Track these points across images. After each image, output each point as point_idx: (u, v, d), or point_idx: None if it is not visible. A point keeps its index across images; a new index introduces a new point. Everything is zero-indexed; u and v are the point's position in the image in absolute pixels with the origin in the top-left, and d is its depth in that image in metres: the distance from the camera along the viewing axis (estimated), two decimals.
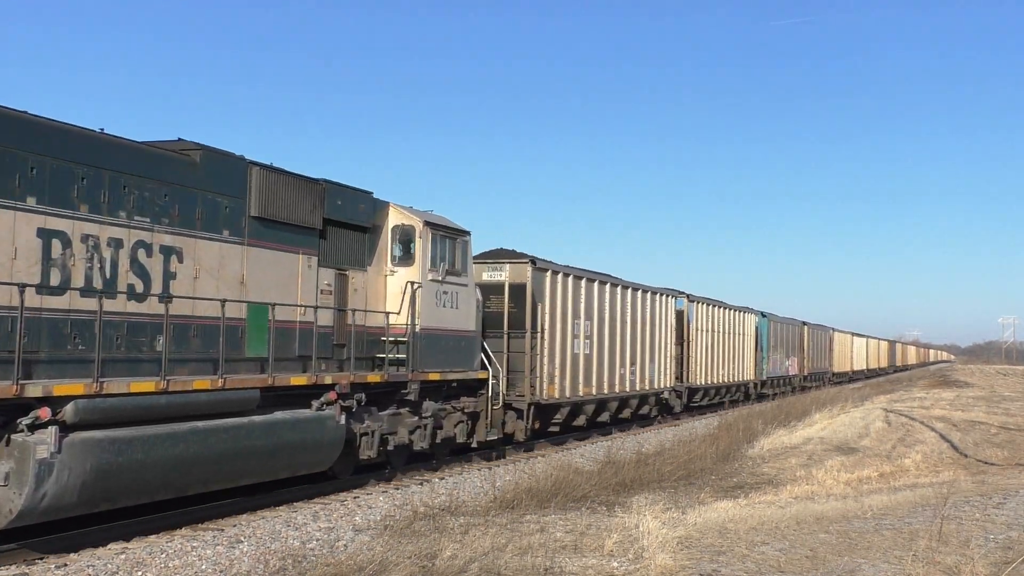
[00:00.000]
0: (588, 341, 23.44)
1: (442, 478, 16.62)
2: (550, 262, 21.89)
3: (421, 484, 15.84)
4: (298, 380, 13.44)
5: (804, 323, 52.72)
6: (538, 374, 20.61)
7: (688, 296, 32.53)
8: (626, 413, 26.80)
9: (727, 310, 37.30)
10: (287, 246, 13.82)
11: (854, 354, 72.06)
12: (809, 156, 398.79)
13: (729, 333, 37.36)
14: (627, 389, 26.16)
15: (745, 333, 39.89)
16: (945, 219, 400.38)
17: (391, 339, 15.62)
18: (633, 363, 26.53)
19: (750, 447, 22.18)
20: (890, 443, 22.87)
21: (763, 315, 42.98)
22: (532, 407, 20.39)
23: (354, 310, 15.06)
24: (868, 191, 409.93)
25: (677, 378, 31.08)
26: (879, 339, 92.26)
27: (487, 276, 20.53)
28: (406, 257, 16.31)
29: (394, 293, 15.94)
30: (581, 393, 22.92)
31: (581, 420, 23.54)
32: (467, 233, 17.78)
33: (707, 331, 34.34)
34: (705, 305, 34.30)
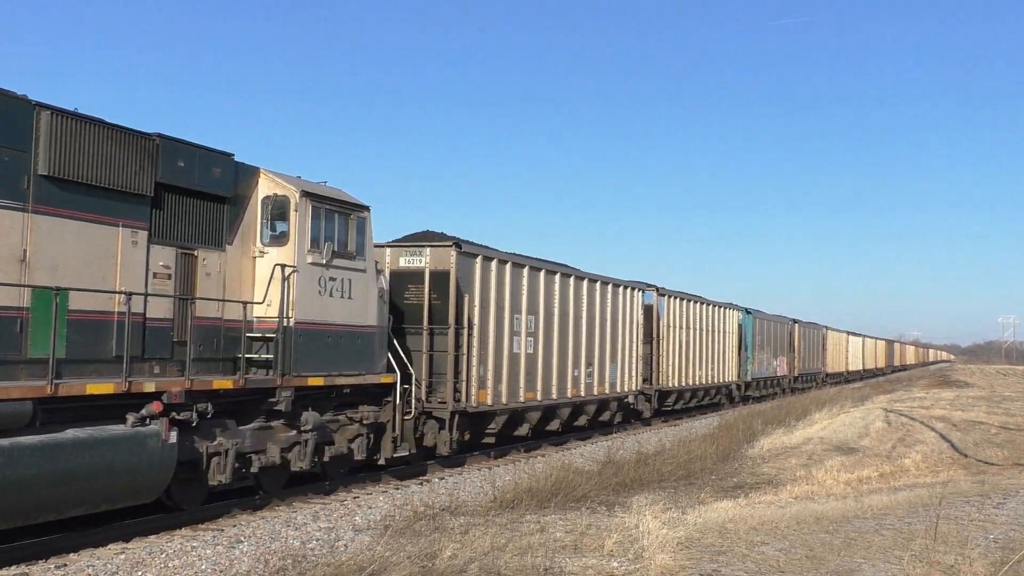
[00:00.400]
0: (532, 339, 20.38)
1: (442, 478, 16.62)
2: (481, 246, 19.02)
3: (421, 484, 15.84)
4: (98, 388, 10.47)
5: (795, 321, 50.76)
6: (465, 377, 17.60)
7: (658, 289, 29.42)
8: (582, 420, 23.67)
9: (705, 305, 34.48)
10: (99, 215, 10.95)
11: (849, 354, 70.11)
12: (809, 156, 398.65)
13: (708, 331, 34.45)
14: (582, 393, 22.95)
15: (727, 331, 37.21)
16: (945, 219, 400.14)
17: (259, 336, 13.04)
18: (590, 364, 23.38)
19: (750, 447, 22.17)
20: (890, 443, 22.86)
21: (747, 312, 40.58)
22: (457, 416, 17.35)
23: (200, 299, 12.21)
24: (868, 191, 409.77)
25: (645, 380, 28.11)
26: (876, 338, 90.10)
27: (405, 262, 17.68)
28: (281, 235, 13.53)
29: (266, 279, 13.14)
30: (523, 399, 19.88)
31: (524, 429, 20.49)
32: (364, 208, 14.85)
33: (681, 328, 31.38)
34: (678, 300, 31.35)
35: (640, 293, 27.62)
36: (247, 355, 12.67)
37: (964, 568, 8.49)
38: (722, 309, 36.71)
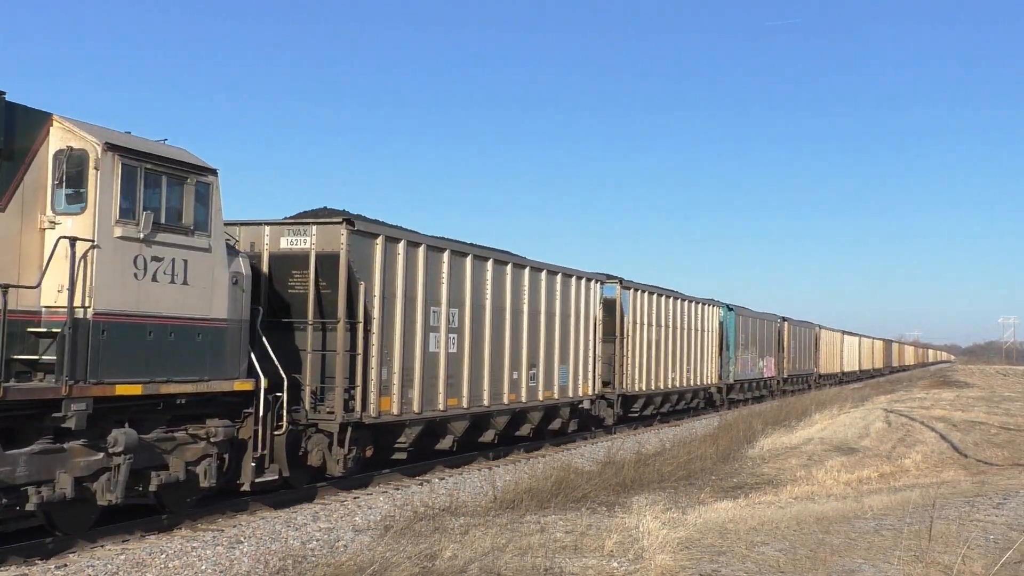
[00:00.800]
0: (455, 336, 17.35)
1: (442, 479, 16.62)
2: (386, 225, 16.00)
3: (421, 484, 15.84)
4: None
5: (784, 319, 48.53)
6: (360, 381, 14.63)
7: (622, 281, 26.34)
8: (525, 429, 20.79)
9: (679, 301, 31.37)
10: None
11: (844, 354, 67.97)
12: (808, 156, 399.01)
13: (683, 329, 31.51)
14: (523, 399, 19.94)
15: (706, 329, 34.34)
16: (945, 219, 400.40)
17: (45, 331, 10.22)
18: (533, 365, 20.36)
19: (750, 447, 22.17)
20: (890, 443, 22.87)
21: (729, 308, 37.91)
22: (350, 429, 14.54)
23: None
24: (868, 192, 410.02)
25: (607, 383, 25.18)
26: (872, 338, 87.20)
27: (287, 243, 14.78)
28: (78, 200, 10.53)
29: (61, 256, 10.21)
30: (441, 407, 16.93)
31: (447, 442, 17.74)
32: (207, 171, 11.89)
33: (650, 326, 28.29)
34: (646, 294, 28.16)
35: (599, 285, 24.39)
36: (22, 356, 10.03)
37: (964, 568, 8.49)
38: (700, 305, 33.88)
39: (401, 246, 15.85)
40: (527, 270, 20.36)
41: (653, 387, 28.82)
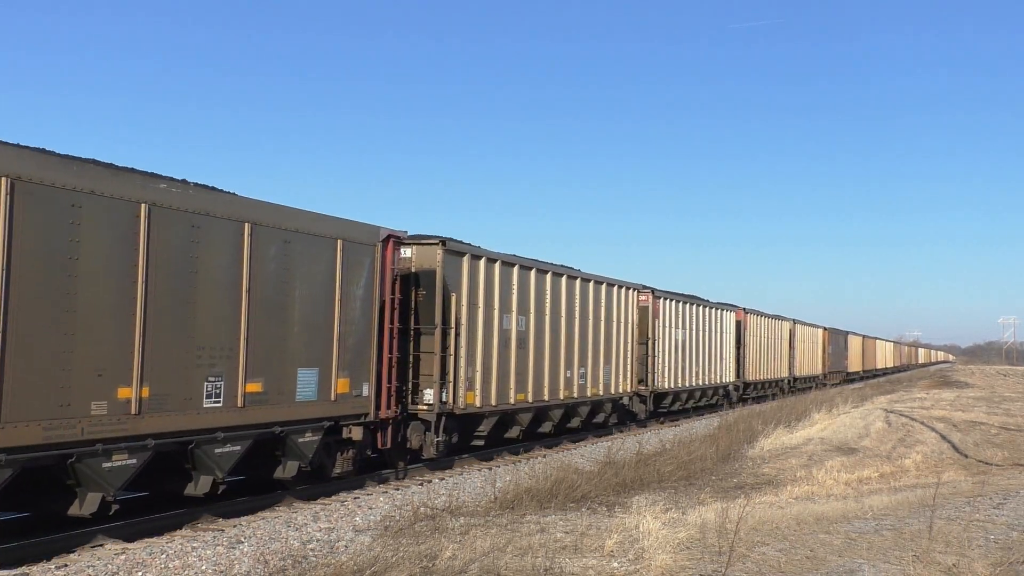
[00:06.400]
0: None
1: (442, 479, 16.62)
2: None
3: (421, 484, 15.84)
4: None
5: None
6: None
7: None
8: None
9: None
10: None
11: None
12: (810, 160, 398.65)
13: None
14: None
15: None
16: (946, 221, 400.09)
17: None
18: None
19: (750, 447, 22.17)
20: (890, 443, 22.86)
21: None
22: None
23: None
24: (868, 193, 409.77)
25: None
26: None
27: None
28: None
29: None
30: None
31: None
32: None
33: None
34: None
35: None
36: None
37: (964, 568, 8.49)
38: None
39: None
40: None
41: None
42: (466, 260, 17.90)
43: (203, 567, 9.79)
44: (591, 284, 23.74)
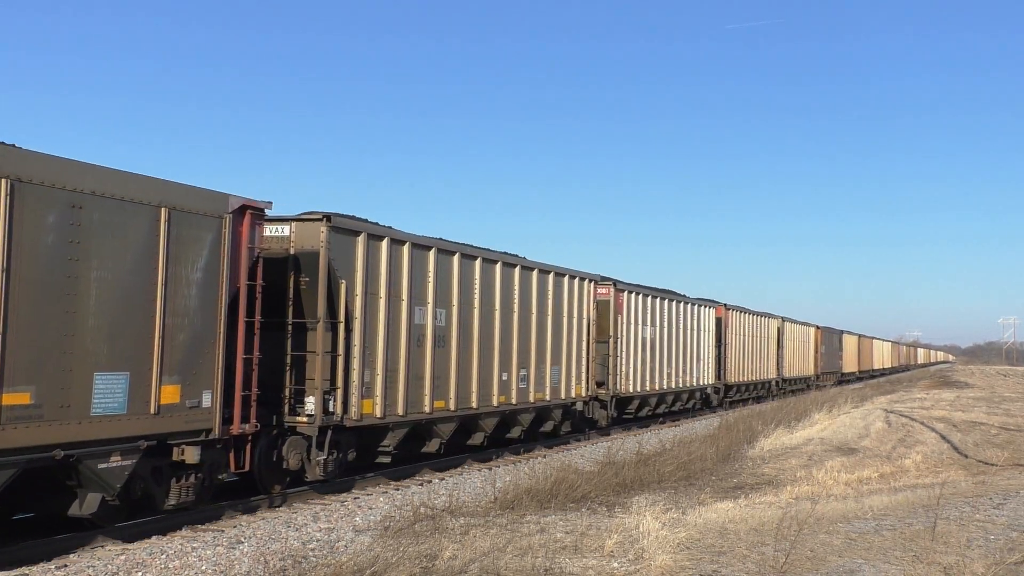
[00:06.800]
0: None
1: (442, 479, 16.62)
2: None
3: (421, 485, 15.83)
4: None
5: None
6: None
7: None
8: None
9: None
10: None
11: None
12: (810, 159, 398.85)
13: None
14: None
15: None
16: (945, 221, 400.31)
17: None
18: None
19: (750, 447, 22.16)
20: (890, 444, 22.86)
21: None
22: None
23: None
24: (868, 193, 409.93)
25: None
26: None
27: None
28: None
29: None
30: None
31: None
32: None
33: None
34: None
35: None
36: None
37: (964, 569, 8.49)
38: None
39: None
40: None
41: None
42: (361, 241, 14.76)
43: (203, 567, 9.79)
44: (534, 273, 20.59)
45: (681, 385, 31.56)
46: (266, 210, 12.78)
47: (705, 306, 34.81)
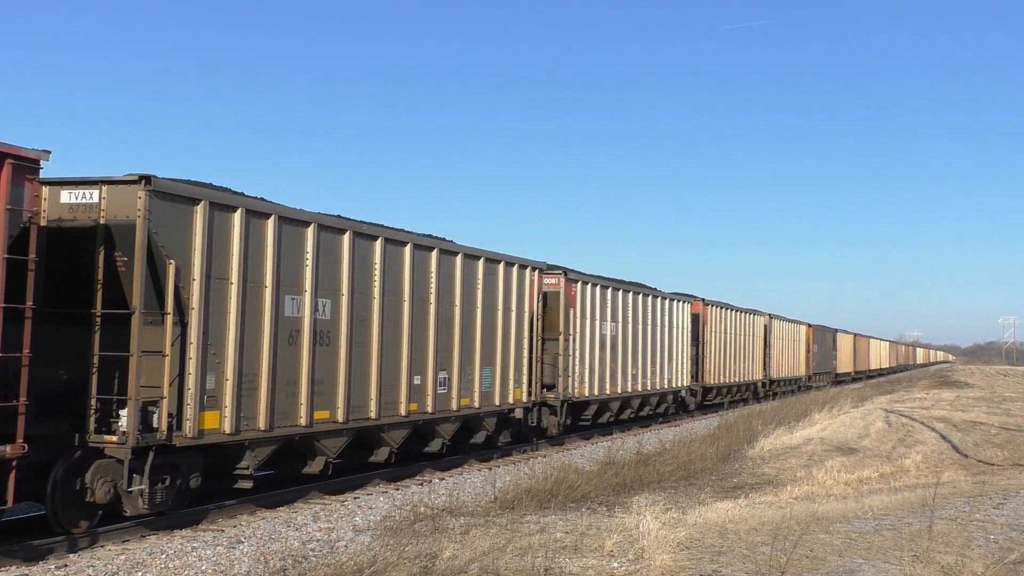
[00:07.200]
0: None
1: (442, 479, 16.62)
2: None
3: (421, 484, 15.84)
4: None
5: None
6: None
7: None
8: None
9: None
10: None
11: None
12: (810, 159, 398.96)
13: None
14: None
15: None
16: (946, 221, 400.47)
17: None
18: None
19: (750, 447, 22.17)
20: (890, 443, 22.86)
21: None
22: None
23: None
24: (868, 193, 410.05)
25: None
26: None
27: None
28: None
29: None
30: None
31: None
32: None
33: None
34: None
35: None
36: None
37: (964, 568, 8.49)
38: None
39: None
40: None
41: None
42: (200, 211, 11.82)
43: (203, 567, 9.79)
44: (458, 259, 17.43)
45: (650, 388, 28.41)
46: (41, 162, 9.74)
47: (680, 301, 31.82)
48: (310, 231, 13.72)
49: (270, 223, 13.00)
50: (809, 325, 54.02)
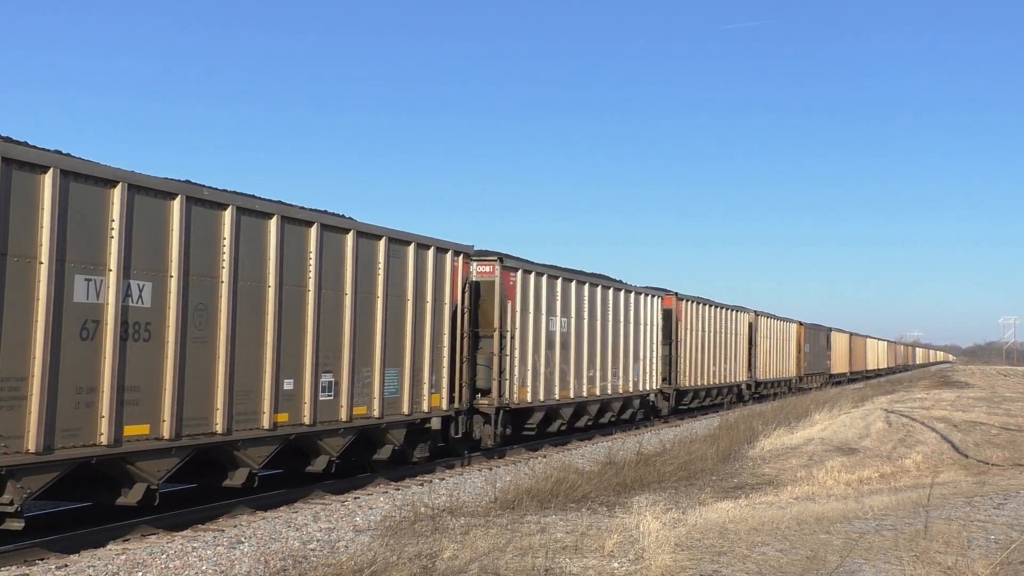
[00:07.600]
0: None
1: (442, 479, 16.62)
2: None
3: (422, 484, 15.83)
4: None
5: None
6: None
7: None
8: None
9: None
10: None
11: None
12: (810, 159, 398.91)
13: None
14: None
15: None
16: (946, 221, 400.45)
17: None
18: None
19: (751, 447, 22.16)
20: (890, 444, 22.85)
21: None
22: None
23: None
24: (868, 193, 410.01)
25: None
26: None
27: None
28: None
29: None
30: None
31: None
32: None
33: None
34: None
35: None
36: None
37: (965, 569, 8.48)
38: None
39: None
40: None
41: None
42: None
43: (203, 567, 9.79)
44: (348, 236, 14.56)
45: (611, 392, 25.53)
46: None
47: (648, 295, 28.80)
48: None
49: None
50: (800, 323, 51.59)
